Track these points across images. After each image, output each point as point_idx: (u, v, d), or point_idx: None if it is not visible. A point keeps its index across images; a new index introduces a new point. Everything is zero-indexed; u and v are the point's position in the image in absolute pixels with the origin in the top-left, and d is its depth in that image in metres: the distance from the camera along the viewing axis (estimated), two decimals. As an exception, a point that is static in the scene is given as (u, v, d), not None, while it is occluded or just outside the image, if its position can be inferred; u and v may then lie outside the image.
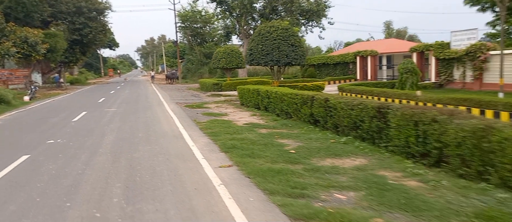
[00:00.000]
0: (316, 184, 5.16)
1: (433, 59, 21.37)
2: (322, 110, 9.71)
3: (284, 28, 17.30)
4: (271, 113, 13.17)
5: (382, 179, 5.42)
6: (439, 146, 5.90)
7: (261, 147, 7.46)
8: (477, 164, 5.23)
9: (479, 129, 5.24)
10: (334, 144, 7.77)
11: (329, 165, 6.24)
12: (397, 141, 6.85)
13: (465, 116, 5.88)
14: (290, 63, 17.46)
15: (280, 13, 41.30)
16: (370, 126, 7.70)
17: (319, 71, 34.75)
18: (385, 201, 4.53)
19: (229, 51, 27.20)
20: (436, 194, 4.76)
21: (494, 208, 4.14)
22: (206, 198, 4.49)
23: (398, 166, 6.07)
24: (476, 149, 5.22)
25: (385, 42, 34.32)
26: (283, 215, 3.97)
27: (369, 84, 20.69)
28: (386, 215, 4.15)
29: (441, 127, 5.89)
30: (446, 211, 4.19)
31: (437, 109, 6.46)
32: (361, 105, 8.10)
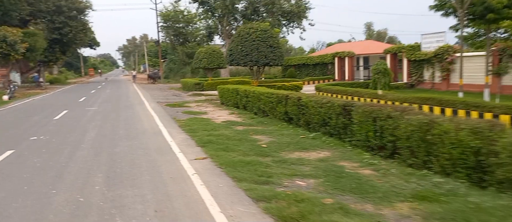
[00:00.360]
0: (281, 173, 5.76)
1: (405, 60, 22.44)
2: (295, 108, 10.34)
3: (263, 29, 17.91)
4: (249, 111, 13.73)
5: (341, 168, 6.06)
6: (393, 140, 6.59)
7: (235, 142, 8.02)
8: (422, 155, 5.93)
9: (424, 124, 5.94)
10: (303, 139, 8.40)
11: (295, 157, 6.85)
12: (359, 136, 7.52)
13: (415, 112, 6.60)
14: (269, 64, 18.08)
15: (261, 14, 41.98)
16: (337, 122, 8.35)
17: (299, 71, 35.57)
18: (339, 186, 5.16)
19: (210, 52, 27.65)
20: (384, 180, 5.42)
21: (428, 190, 4.83)
22: (180, 185, 5.02)
23: (357, 158, 6.73)
24: (422, 141, 5.92)
25: (362, 44, 35.45)
26: (247, 197, 4.54)
27: (345, 84, 21.55)
28: (337, 196, 4.77)
29: (394, 123, 6.58)
30: (388, 193, 4.85)
31: (392, 107, 7.17)
32: (328, 103, 8.75)
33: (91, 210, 4.16)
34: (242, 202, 4.34)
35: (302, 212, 3.89)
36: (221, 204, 4.27)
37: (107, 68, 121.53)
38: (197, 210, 4.12)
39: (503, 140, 4.71)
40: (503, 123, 5.38)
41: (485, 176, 4.94)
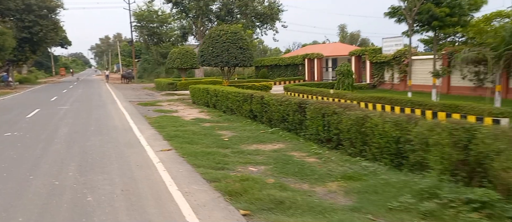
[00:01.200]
0: (237, 161, 6.58)
1: (368, 62, 23.84)
2: (259, 106, 11.21)
3: (233, 32, 18.70)
4: (218, 110, 14.49)
5: (290, 157, 6.95)
6: (337, 132, 7.55)
7: (200, 136, 8.79)
8: (359, 144, 6.91)
9: (360, 118, 6.93)
10: (263, 134, 9.27)
11: (253, 149, 7.70)
12: (311, 130, 8.46)
13: (354, 109, 7.60)
14: (239, 65, 18.89)
15: (235, 16, 42.80)
16: (294, 118, 9.28)
17: (272, 72, 36.61)
18: (284, 170, 6.04)
19: (183, 52, 28.19)
20: (324, 166, 6.35)
21: (355, 172, 5.79)
22: (145, 171, 5.75)
23: (306, 149, 7.65)
24: (359, 133, 6.90)
25: (331, 46, 36.92)
26: (202, 179, 5.33)
27: (313, 85, 22.69)
28: (281, 179, 5.63)
29: (338, 118, 7.54)
30: (324, 175, 5.77)
31: (337, 104, 8.16)
32: (287, 101, 9.67)
33: (65, 191, 4.83)
34: (197, 183, 5.14)
35: (245, 188, 4.73)
36: (179, 184, 5.05)
37: (79, 68, 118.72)
38: (158, 189, 4.88)
39: (415, 130, 5.71)
40: (418, 116, 6.44)
41: (403, 160, 5.95)
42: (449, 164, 5.08)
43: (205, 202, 4.37)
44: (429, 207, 4.22)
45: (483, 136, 4.78)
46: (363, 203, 4.56)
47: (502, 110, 9.42)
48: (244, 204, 4.28)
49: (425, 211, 4.15)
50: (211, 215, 3.98)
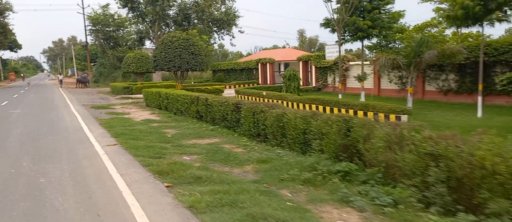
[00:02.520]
0: (174, 152, 7.77)
1: (313, 67, 25.83)
2: (204, 107, 12.42)
3: (185, 38, 19.78)
4: (169, 112, 15.52)
5: (221, 148, 8.23)
6: (264, 128, 8.94)
7: (146, 134, 9.86)
8: (280, 137, 8.33)
9: (279, 115, 8.36)
10: (204, 131, 10.50)
11: (191, 143, 8.91)
12: (245, 127, 9.80)
13: (277, 107, 9.04)
14: (191, 69, 19.97)
15: (193, 21, 43.70)
16: (232, 117, 10.59)
17: (228, 76, 37.89)
18: (212, 158, 7.30)
19: (139, 57, 28.73)
20: (246, 154, 7.69)
21: (269, 157, 7.17)
22: (91, 161, 6.79)
23: (237, 142, 8.98)
24: (279, 127, 8.32)
25: (283, 51, 38.90)
26: (140, 164, 6.47)
27: (263, 88, 24.22)
28: (208, 164, 6.89)
29: (265, 115, 8.94)
30: (244, 160, 7.10)
31: (264, 104, 9.59)
32: (226, 102, 10.98)
33: (21, 175, 5.79)
34: (134, 167, 6.28)
35: (172, 169, 5.95)
36: (118, 168, 6.16)
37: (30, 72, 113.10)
38: (100, 172, 5.97)
39: (315, 123, 7.21)
40: (321, 112, 7.98)
41: (308, 147, 7.42)
42: (336, 148, 6.60)
43: (137, 179, 5.55)
44: (307, 176, 5.69)
45: (355, 126, 6.35)
46: (264, 177, 5.94)
47: (402, 108, 11.32)
48: (169, 180, 5.50)
49: (305, 179, 5.60)
50: (140, 187, 5.17)
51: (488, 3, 10.73)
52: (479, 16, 10.99)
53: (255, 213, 4.08)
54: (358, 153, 6.22)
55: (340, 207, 4.64)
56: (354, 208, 4.58)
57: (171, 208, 4.36)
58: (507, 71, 13.85)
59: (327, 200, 4.86)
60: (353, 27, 15.17)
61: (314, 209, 4.58)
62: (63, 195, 4.86)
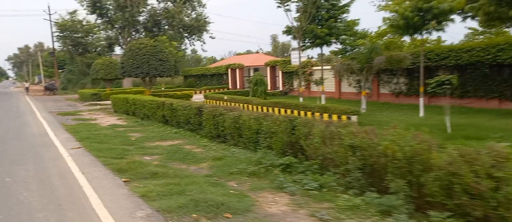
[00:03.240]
0: (135, 153, 8.33)
1: (280, 72, 26.85)
2: (169, 112, 12.98)
3: (153, 45, 20.23)
4: (136, 117, 15.93)
5: (181, 149, 8.85)
6: (223, 129, 9.64)
7: (111, 138, 10.33)
8: (237, 137, 9.05)
9: (236, 117, 9.09)
10: (168, 134, 11.09)
11: (154, 145, 9.48)
12: (206, 129, 10.46)
13: (235, 110, 9.77)
14: (159, 75, 20.43)
15: (163, 27, 43.91)
16: (194, 120, 11.23)
17: (199, 81, 38.36)
18: (172, 158, 7.92)
19: (108, 63, 28.78)
20: (204, 153, 8.36)
21: (224, 155, 7.87)
22: (55, 162, 7.26)
23: (198, 143, 9.63)
24: (236, 128, 9.04)
25: (253, 57, 39.86)
26: (101, 164, 7.01)
27: (231, 93, 24.95)
28: (167, 163, 7.50)
29: (224, 117, 9.64)
30: (201, 159, 7.77)
31: (224, 107, 10.31)
32: (189, 106, 11.62)
33: (-13, 177, 6.22)
34: (96, 166, 6.82)
35: (131, 167, 6.55)
36: (81, 168, 6.69)
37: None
38: (63, 171, 6.48)
39: (265, 123, 7.99)
40: (272, 114, 8.79)
41: (260, 146, 8.18)
42: (283, 145, 7.39)
43: (97, 176, 6.11)
44: (253, 169, 6.45)
45: (298, 125, 7.17)
46: (216, 172, 6.64)
47: (353, 109, 12.35)
48: (127, 176, 6.10)
49: (251, 172, 6.35)
50: (100, 182, 5.74)
51: (425, 14, 11.98)
52: (418, 26, 12.22)
53: (198, 198, 4.78)
54: (301, 149, 7.03)
55: (275, 193, 5.42)
56: (287, 193, 5.37)
57: (125, 197, 4.99)
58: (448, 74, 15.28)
59: (266, 188, 5.62)
60: (312, 35, 16.22)
61: (253, 195, 5.33)
62: (28, 191, 5.37)
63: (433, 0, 11.62)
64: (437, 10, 11.68)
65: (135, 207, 4.59)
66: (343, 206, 4.71)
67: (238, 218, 4.33)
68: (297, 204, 4.90)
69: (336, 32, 16.14)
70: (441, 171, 4.38)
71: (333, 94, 21.95)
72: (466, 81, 14.57)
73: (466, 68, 14.59)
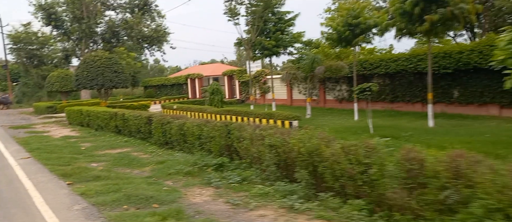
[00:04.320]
0: (83, 161, 8.88)
1: (237, 81, 27.90)
2: (121, 122, 13.51)
3: (108, 57, 20.56)
4: (91, 128, 16.23)
5: (128, 156, 9.49)
6: (170, 136, 10.38)
7: (61, 148, 10.75)
8: (182, 143, 9.81)
9: (181, 124, 9.87)
10: (118, 142, 11.65)
11: (103, 153, 10.05)
12: (155, 137, 11.14)
13: (181, 118, 10.57)
14: (115, 86, 20.73)
15: (122, 38, 43.72)
16: (145, 129, 11.88)
17: (159, 92, 38.59)
18: (118, 163, 8.56)
19: (63, 75, 28.51)
20: (150, 159, 9.05)
21: (166, 159, 8.60)
22: (4, 171, 7.70)
23: (146, 150, 10.30)
24: (181, 135, 9.81)
25: (212, 66, 40.73)
26: (48, 171, 7.55)
27: (189, 102, 25.59)
28: (112, 168, 8.14)
29: (171, 125, 10.38)
30: (145, 163, 8.48)
31: (171, 116, 11.07)
32: (140, 116, 12.25)
33: None
34: (43, 173, 7.37)
35: (76, 172, 7.17)
36: (29, 175, 7.21)
37: None
38: (11, 178, 6.98)
39: (206, 129, 8.85)
40: (212, 120, 9.68)
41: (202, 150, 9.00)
42: (220, 148, 8.26)
43: (43, 181, 6.69)
44: (189, 169, 7.28)
45: (232, 129, 8.08)
46: (156, 173, 7.40)
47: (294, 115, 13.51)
48: (71, 179, 6.73)
49: (186, 172, 7.18)
50: (44, 185, 6.34)
51: (354, 29, 13.44)
52: (350, 39, 13.66)
53: (131, 194, 5.55)
54: (236, 150, 7.95)
55: (203, 187, 6.29)
56: (213, 187, 6.25)
57: (66, 196, 5.66)
58: (381, 81, 16.94)
59: (196, 184, 6.48)
60: (260, 46, 17.38)
61: (183, 190, 6.16)
62: (-25, 196, 5.88)
63: (360, 16, 13.09)
64: (364, 25, 13.16)
65: (73, 203, 5.28)
66: (255, 194, 5.66)
67: (163, 207, 5.15)
68: (218, 195, 5.79)
69: (282, 44, 17.40)
70: (329, 160, 5.46)
71: (285, 101, 23.22)
72: (395, 87, 16.29)
73: (395, 76, 16.30)
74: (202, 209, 5.09)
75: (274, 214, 4.85)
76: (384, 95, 16.59)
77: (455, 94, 13.74)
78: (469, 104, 13.63)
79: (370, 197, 5.01)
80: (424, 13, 10.44)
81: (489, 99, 12.92)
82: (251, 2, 17.17)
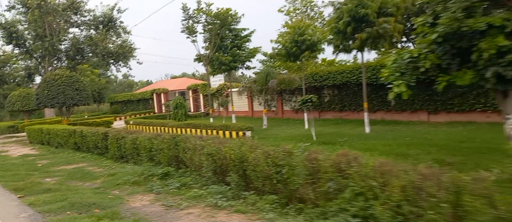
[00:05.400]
0: (38, 176, 9.32)
1: (201, 95, 28.65)
2: (80, 138, 13.92)
3: (69, 75, 20.79)
4: (51, 146, 16.44)
5: (82, 170, 10.00)
6: (125, 150, 10.98)
7: (18, 166, 11.09)
8: (136, 156, 10.42)
9: (134, 139, 10.49)
10: (75, 158, 12.09)
11: (59, 169, 10.49)
12: (111, 152, 11.68)
13: (134, 132, 11.20)
14: (76, 104, 20.93)
15: (87, 55, 43.45)
16: (102, 145, 12.38)
17: (125, 107, 38.59)
18: (72, 177, 9.08)
19: (24, 94, 28.19)
20: (102, 171, 9.61)
21: (117, 171, 9.22)
22: (-43, 189, 8.08)
23: (101, 164, 10.82)
24: (134, 149, 10.42)
25: (179, 81, 41.26)
26: (1, 186, 8.01)
27: (152, 117, 26.03)
28: (66, 182, 8.65)
29: (125, 140, 10.98)
30: (98, 176, 9.04)
31: (125, 131, 11.69)
32: (97, 132, 12.75)
33: None
34: (-4, 189, 7.83)
35: (28, 186, 7.68)
36: (-19, 191, 7.65)
37: None
38: (-37, 195, 7.41)
39: (156, 142, 9.54)
40: (162, 134, 10.39)
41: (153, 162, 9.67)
42: (169, 158, 8.98)
43: (-5, 195, 7.18)
44: (136, 179, 7.96)
45: (179, 141, 8.83)
46: (105, 184, 8.02)
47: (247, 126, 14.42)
48: (22, 193, 7.24)
49: (133, 182, 7.85)
50: (-4, 199, 6.85)
51: (301, 45, 14.63)
52: (297, 55, 14.83)
53: (75, 201, 6.19)
54: (183, 160, 8.71)
55: (145, 194, 6.99)
56: (154, 193, 6.97)
57: (15, 206, 6.21)
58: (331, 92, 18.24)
59: (140, 192, 7.17)
60: (217, 62, 18.29)
61: (127, 197, 6.84)
62: None
63: (305, 34, 14.30)
64: (309, 41, 14.36)
65: (21, 211, 5.86)
66: (189, 196, 6.44)
67: (104, 212, 5.82)
68: (156, 199, 6.53)
69: (239, 59, 18.39)
70: (251, 164, 6.34)
71: (247, 113, 24.16)
72: (343, 97, 17.60)
73: (342, 87, 17.62)
74: (138, 211, 5.81)
75: (199, 211, 5.66)
76: (334, 104, 17.85)
77: (392, 103, 15.16)
78: (404, 111, 15.07)
79: (283, 193, 5.91)
80: (355, 32, 11.71)
81: (419, 106, 14.39)
82: (207, 21, 18.10)
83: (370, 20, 11.44)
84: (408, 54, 6.23)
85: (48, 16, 37.64)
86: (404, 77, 6.14)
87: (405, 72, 6.18)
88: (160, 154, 9.21)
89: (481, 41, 5.22)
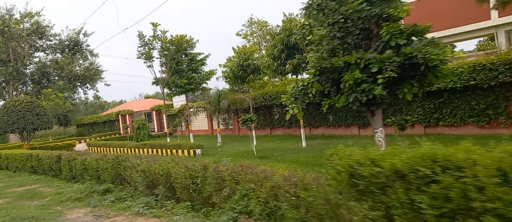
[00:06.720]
0: (-11, 198, 10.03)
1: (164, 115, 29.54)
2: (36, 162, 14.55)
3: (29, 101, 21.34)
4: (9, 170, 16.87)
5: (33, 191, 10.73)
6: (76, 171, 11.79)
7: (-29, 190, 11.66)
8: (86, 176, 11.27)
9: (83, 160, 11.37)
10: (29, 181, 12.75)
11: (11, 191, 11.16)
12: (64, 173, 12.44)
13: (85, 153, 12.07)
14: (37, 129, 21.38)
15: (53, 78, 43.45)
16: (56, 166, 13.11)
17: (91, 129, 38.73)
18: (21, 198, 9.83)
19: (-15, 120, 28.09)
20: (52, 192, 10.40)
21: (65, 190, 10.09)
22: None
23: (52, 185, 11.56)
24: (84, 169, 11.28)
25: (144, 102, 41.94)
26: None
27: (115, 138, 26.61)
28: (15, 202, 9.41)
29: (76, 162, 11.82)
30: (46, 195, 9.86)
31: (76, 153, 12.54)
32: (51, 155, 13.49)
33: None
34: None
35: (-24, 206, 8.44)
36: None
37: None
38: None
39: (101, 162, 10.47)
40: (108, 155, 11.35)
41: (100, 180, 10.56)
42: (112, 177, 9.92)
43: None
44: (78, 196, 8.87)
45: (121, 160, 9.82)
46: (50, 202, 8.87)
47: (198, 144, 15.52)
48: (-30, 212, 8.02)
49: (75, 198, 8.75)
50: None
51: (247, 69, 16.04)
52: (243, 77, 16.22)
53: (16, 216, 7.08)
54: (124, 177, 9.68)
55: (83, 207, 7.94)
56: (91, 206, 7.93)
57: (-40, 223, 7.03)
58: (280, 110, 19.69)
59: (79, 206, 8.11)
60: (174, 85, 19.43)
61: (66, 211, 7.76)
62: None
63: (250, 59, 15.74)
64: (253, 65, 15.79)
65: (-36, 227, 6.71)
66: (119, 207, 7.45)
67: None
68: (91, 212, 7.50)
69: (194, 82, 19.59)
70: (172, 177, 7.47)
71: (207, 132, 25.22)
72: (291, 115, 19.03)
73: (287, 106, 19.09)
74: (72, 221, 6.79)
75: (123, 218, 6.69)
76: (283, 121, 19.26)
77: (330, 119, 16.71)
78: (340, 126, 16.63)
79: (199, 200, 7.05)
80: (289, 58, 13.22)
81: (351, 121, 15.99)
82: (163, 46, 19.28)
83: (300, 48, 12.97)
84: (301, 83, 7.65)
85: (12, 41, 37.72)
86: (296, 102, 7.53)
87: (297, 97, 7.56)
88: (105, 173, 10.13)
89: (345, 74, 6.68)
